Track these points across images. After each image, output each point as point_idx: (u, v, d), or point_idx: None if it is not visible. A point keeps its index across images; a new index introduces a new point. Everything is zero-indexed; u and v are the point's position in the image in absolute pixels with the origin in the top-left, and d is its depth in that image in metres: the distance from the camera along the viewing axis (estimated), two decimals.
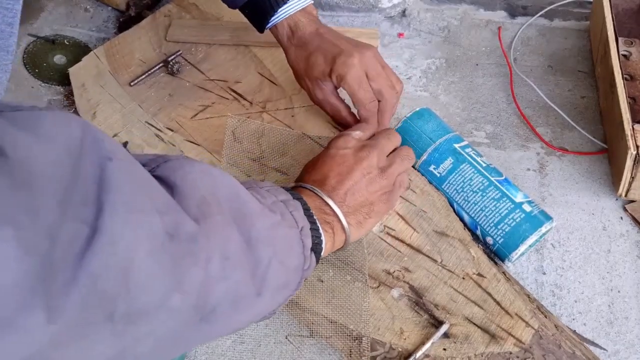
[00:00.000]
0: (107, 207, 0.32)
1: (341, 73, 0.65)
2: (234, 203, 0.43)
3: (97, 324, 0.32)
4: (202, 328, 0.40)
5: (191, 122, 0.75)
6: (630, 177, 0.67)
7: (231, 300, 0.41)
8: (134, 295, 0.33)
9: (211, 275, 0.39)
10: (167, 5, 0.88)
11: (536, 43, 0.88)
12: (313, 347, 0.61)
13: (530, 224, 0.62)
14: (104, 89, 0.78)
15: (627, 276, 0.66)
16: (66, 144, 0.32)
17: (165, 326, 0.37)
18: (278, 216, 0.47)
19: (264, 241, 0.44)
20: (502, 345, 0.57)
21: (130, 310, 0.34)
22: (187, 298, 0.37)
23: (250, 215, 0.44)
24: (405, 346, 0.58)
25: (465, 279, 0.61)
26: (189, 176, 0.41)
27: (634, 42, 0.75)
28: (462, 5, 0.93)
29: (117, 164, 0.34)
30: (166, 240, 0.35)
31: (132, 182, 0.35)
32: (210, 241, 0.39)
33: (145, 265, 0.34)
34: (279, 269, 0.45)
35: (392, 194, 0.60)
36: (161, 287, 0.35)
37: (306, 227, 0.50)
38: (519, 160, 0.75)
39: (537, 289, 0.65)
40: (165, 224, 0.36)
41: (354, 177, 0.57)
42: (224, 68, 0.81)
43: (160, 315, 0.36)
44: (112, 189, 0.32)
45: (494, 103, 0.81)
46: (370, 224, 0.59)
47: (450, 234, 0.64)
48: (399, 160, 0.61)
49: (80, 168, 0.32)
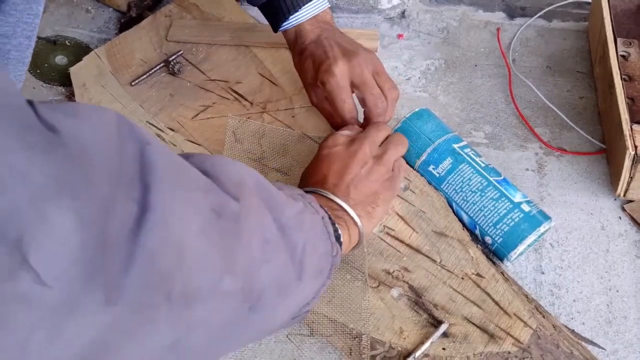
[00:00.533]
0: (154, 186, 0.32)
1: (322, 80, 0.66)
2: (261, 191, 0.44)
3: (155, 307, 0.32)
4: (251, 319, 0.40)
5: (192, 122, 0.75)
6: (628, 177, 0.67)
7: (276, 285, 0.41)
8: (189, 274, 0.33)
9: (255, 258, 0.39)
10: (168, 6, 0.88)
11: (535, 44, 0.88)
12: (313, 346, 0.61)
13: (529, 223, 0.62)
14: (105, 89, 0.79)
15: (626, 276, 0.66)
16: (105, 127, 0.33)
17: (217, 314, 0.37)
18: (301, 203, 0.48)
19: (295, 227, 0.44)
20: (500, 345, 0.58)
21: (187, 290, 0.33)
22: (237, 280, 0.37)
23: (278, 202, 0.44)
24: (405, 345, 0.58)
25: (464, 279, 0.61)
26: (218, 164, 0.41)
27: (632, 42, 0.76)
28: (461, 6, 0.93)
29: (155, 147, 0.34)
30: (213, 218, 0.36)
31: (171, 163, 0.35)
32: (250, 222, 0.39)
33: (197, 243, 0.34)
34: (312, 254, 0.46)
35: (394, 179, 0.61)
36: (213, 267, 0.35)
37: (326, 217, 0.51)
38: (518, 161, 0.76)
39: (535, 289, 0.65)
40: (210, 201, 0.36)
41: (353, 171, 0.58)
42: (225, 68, 0.81)
43: (212, 299, 0.36)
44: (154, 170, 0.33)
45: (493, 103, 0.82)
46: (380, 213, 0.59)
47: (449, 234, 0.64)
48: (393, 146, 0.62)
49: (122, 150, 0.32)
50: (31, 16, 0.49)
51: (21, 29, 0.49)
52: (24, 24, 0.48)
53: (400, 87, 0.83)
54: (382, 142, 0.63)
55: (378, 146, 0.62)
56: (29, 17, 0.48)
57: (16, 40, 0.50)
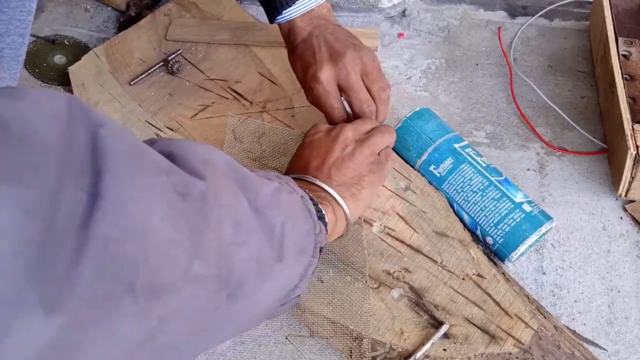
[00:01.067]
0: (107, 173, 0.30)
1: (309, 86, 0.65)
2: (232, 172, 0.42)
3: (117, 298, 0.30)
4: (232, 307, 0.38)
5: (191, 121, 0.75)
6: (630, 177, 0.67)
7: (255, 269, 0.40)
8: (155, 262, 0.31)
9: (226, 241, 0.37)
10: (167, 5, 0.88)
11: (536, 43, 0.88)
12: (313, 348, 0.61)
13: (530, 224, 0.62)
14: (104, 88, 0.78)
15: (627, 276, 0.66)
16: (54, 110, 0.31)
17: (191, 303, 0.34)
18: (276, 182, 0.46)
19: (272, 206, 0.43)
20: (501, 345, 0.57)
21: (153, 280, 0.31)
22: (209, 265, 0.35)
23: (251, 183, 0.42)
24: (406, 346, 0.58)
25: (465, 280, 0.61)
26: (184, 146, 0.39)
27: (633, 42, 0.75)
28: (462, 5, 0.93)
29: (109, 129, 0.32)
30: (178, 201, 0.34)
31: (129, 147, 0.33)
32: (219, 201, 0.37)
33: (163, 228, 0.32)
34: (292, 232, 0.44)
35: (381, 165, 0.61)
36: (182, 253, 0.33)
37: (305, 196, 0.49)
38: (519, 160, 0.75)
39: (537, 289, 0.65)
40: (174, 183, 0.34)
41: (334, 154, 0.58)
42: (224, 67, 0.81)
43: (184, 287, 0.33)
44: (109, 155, 0.31)
45: (494, 103, 0.81)
46: (366, 196, 0.58)
47: (450, 235, 0.64)
48: (379, 134, 0.62)
49: (72, 136, 0.30)
50: (24, 13, 0.48)
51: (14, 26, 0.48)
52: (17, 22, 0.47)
53: (400, 87, 0.83)
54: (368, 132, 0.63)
55: (362, 133, 0.62)
56: (22, 15, 0.48)
57: (9, 38, 0.49)
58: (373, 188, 0.60)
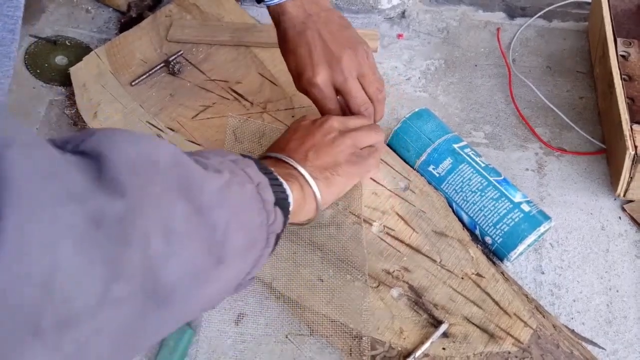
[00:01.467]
0: (7, 208, 0.27)
1: (305, 90, 0.65)
2: (176, 169, 0.39)
3: (20, 343, 0.28)
4: (165, 313, 0.36)
5: (192, 122, 0.75)
6: (628, 177, 0.67)
7: (191, 276, 0.37)
8: (63, 299, 0.29)
9: (153, 255, 0.34)
10: (168, 6, 0.88)
11: (535, 44, 0.88)
12: (313, 346, 0.61)
13: (529, 223, 0.62)
14: (105, 89, 0.79)
15: (626, 276, 0.66)
16: None
17: (115, 321, 0.32)
18: (226, 174, 0.44)
19: (217, 204, 0.40)
20: (500, 344, 0.58)
21: (62, 317, 0.29)
22: (131, 283, 0.32)
23: (196, 181, 0.40)
24: (405, 345, 0.58)
25: (464, 279, 0.61)
26: (119, 144, 0.35)
27: (632, 42, 0.76)
28: (461, 6, 0.93)
29: (16, 150, 0.28)
30: (91, 230, 0.31)
31: (37, 171, 0.30)
32: (145, 216, 0.34)
33: (71, 263, 0.29)
34: (238, 229, 0.42)
35: (362, 158, 0.60)
36: (96, 282, 0.30)
37: (263, 182, 0.47)
38: (518, 161, 0.76)
39: (535, 289, 0.65)
40: (87, 211, 0.31)
41: (315, 138, 0.59)
42: (225, 68, 0.81)
43: (104, 310, 0.31)
44: (11, 184, 0.27)
45: (493, 104, 0.82)
46: (339, 183, 0.58)
47: (449, 234, 0.64)
48: (366, 130, 0.62)
49: None
50: (12, 8, 0.45)
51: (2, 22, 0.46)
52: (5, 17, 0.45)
53: (400, 87, 0.84)
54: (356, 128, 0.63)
55: (349, 127, 0.62)
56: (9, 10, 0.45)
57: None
58: (349, 178, 0.59)
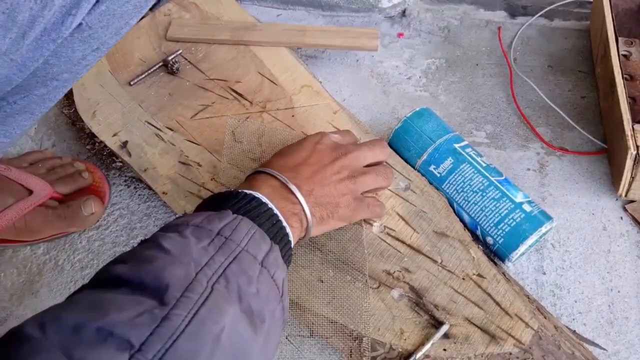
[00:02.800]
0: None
1: None
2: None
3: None
4: None
5: (191, 121, 0.75)
6: (630, 177, 0.67)
7: None
8: None
9: None
10: (167, 5, 0.88)
11: (536, 43, 0.88)
12: (313, 347, 0.61)
13: (531, 224, 0.62)
14: (104, 88, 0.78)
15: (627, 276, 0.66)
16: None
17: None
18: (267, 322, 0.43)
19: None
20: (502, 345, 0.57)
21: None
22: None
23: None
24: (406, 346, 0.58)
25: (465, 280, 0.61)
26: None
27: (634, 42, 0.75)
28: (462, 5, 0.93)
29: None
30: None
31: None
32: None
33: None
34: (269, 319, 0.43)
35: (361, 205, 0.59)
36: None
37: (281, 268, 0.47)
38: (519, 160, 0.75)
39: (537, 289, 0.65)
40: None
41: (325, 173, 0.57)
42: (224, 67, 0.80)
43: None
44: None
45: (494, 103, 0.81)
46: (331, 225, 0.58)
47: (450, 235, 0.64)
48: (374, 175, 0.60)
49: None
50: None
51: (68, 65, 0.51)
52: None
53: (400, 86, 0.83)
54: (368, 166, 0.61)
55: (361, 165, 0.60)
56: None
57: None
58: (340, 222, 0.59)
